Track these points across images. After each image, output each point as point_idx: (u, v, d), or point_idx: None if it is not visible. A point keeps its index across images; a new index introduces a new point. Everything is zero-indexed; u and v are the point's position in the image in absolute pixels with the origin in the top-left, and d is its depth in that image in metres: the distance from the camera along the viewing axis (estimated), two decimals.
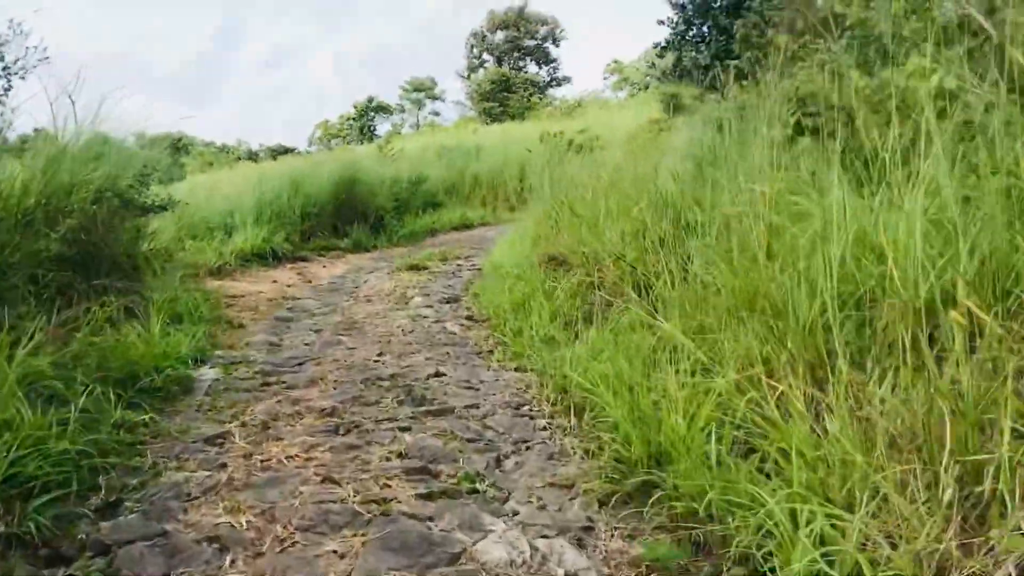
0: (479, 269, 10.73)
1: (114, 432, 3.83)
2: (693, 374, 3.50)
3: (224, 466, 3.61)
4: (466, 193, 20.77)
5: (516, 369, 5.29)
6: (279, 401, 4.61)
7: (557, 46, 37.42)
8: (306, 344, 6.31)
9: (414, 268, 10.50)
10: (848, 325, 3.02)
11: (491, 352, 5.87)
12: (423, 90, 41.15)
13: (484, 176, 21.41)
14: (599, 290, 5.64)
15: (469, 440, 3.88)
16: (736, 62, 10.25)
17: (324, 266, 11.62)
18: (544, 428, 4.07)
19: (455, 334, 6.62)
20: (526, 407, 4.45)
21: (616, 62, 37.87)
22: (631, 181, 6.69)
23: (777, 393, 2.98)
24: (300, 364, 5.63)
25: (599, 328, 5.02)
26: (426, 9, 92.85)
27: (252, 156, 40.10)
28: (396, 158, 19.95)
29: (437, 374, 5.16)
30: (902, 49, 4.51)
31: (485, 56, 37.38)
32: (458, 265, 11.12)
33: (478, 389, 4.87)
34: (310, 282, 10.04)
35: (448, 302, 8.33)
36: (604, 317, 5.33)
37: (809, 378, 3.05)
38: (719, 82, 10.91)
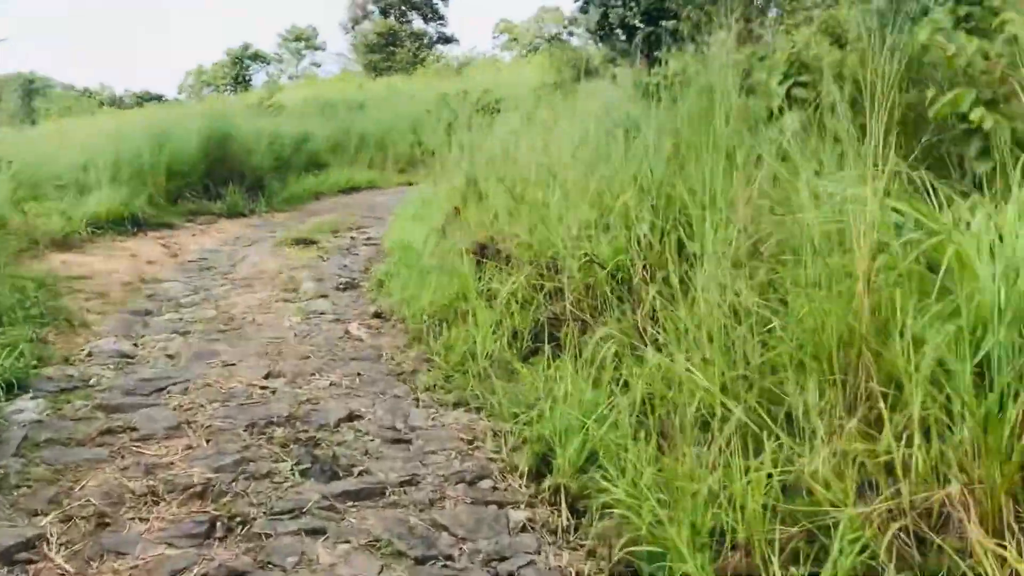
0: (377, 245, 9.26)
1: None
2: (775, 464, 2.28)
3: None
4: (352, 153, 18.99)
5: (456, 405, 3.93)
6: (125, 468, 3.11)
7: (446, 3, 35.46)
8: (169, 356, 4.75)
9: (302, 242, 8.91)
10: None
11: (415, 373, 4.49)
12: (303, 39, 38.40)
13: (371, 135, 19.67)
14: (557, 300, 4.35)
15: (417, 560, 2.52)
16: (673, 22, 9.07)
17: (194, 235, 9.84)
18: (525, 528, 2.74)
19: (362, 341, 5.19)
20: (487, 483, 3.10)
21: (505, 21, 36.30)
22: (580, 158, 5.40)
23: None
24: (160, 391, 4.10)
25: (569, 355, 3.74)
26: None
27: (116, 102, 36.56)
28: (276, 113, 17.98)
29: (350, 416, 3.74)
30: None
31: (370, 7, 35.06)
32: (351, 239, 9.59)
33: (410, 443, 3.49)
34: (176, 257, 8.32)
35: (346, 289, 6.86)
36: (568, 337, 4.06)
37: None
38: (649, 45, 9.74)
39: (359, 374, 4.45)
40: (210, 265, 7.85)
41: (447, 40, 35.68)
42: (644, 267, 3.83)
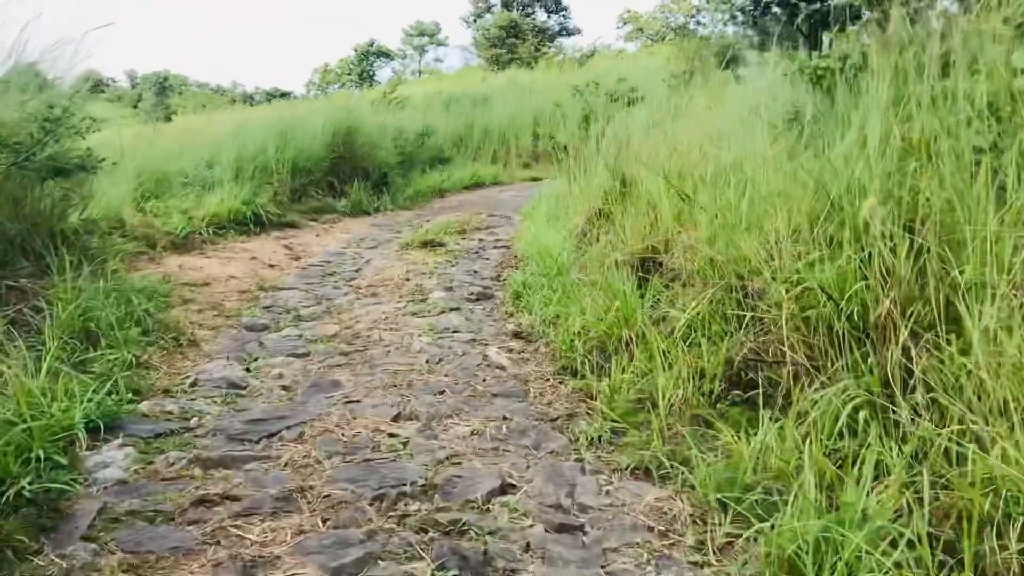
0: (507, 247, 8.45)
1: None
2: None
3: None
4: (475, 147, 18.35)
5: (634, 472, 3.01)
6: (218, 564, 2.35)
7: None
8: (283, 387, 4.03)
9: (428, 245, 8.18)
10: None
11: (572, 418, 3.60)
12: (426, 35, 38.11)
13: (495, 129, 18.98)
14: (755, 333, 3.38)
15: None
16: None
17: (317, 234, 9.28)
18: None
19: (504, 370, 4.34)
20: None
21: (630, 12, 34.90)
22: (757, 153, 4.39)
23: None
24: (270, 437, 3.36)
25: (791, 416, 2.77)
26: None
27: (247, 99, 37.20)
28: (401, 106, 17.47)
29: (502, 487, 2.88)
30: None
31: (492, 0, 34.35)
32: (480, 241, 8.80)
33: (582, 531, 2.60)
34: (298, 260, 7.72)
35: (479, 300, 6.05)
36: (777, 384, 3.10)
37: None
38: (811, 25, 8.56)
39: (505, 418, 3.59)
40: (333, 270, 7.20)
41: (570, 32, 34.70)
42: (892, 300, 2.82)
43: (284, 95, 34.69)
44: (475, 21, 34.72)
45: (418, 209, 11.98)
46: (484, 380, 4.15)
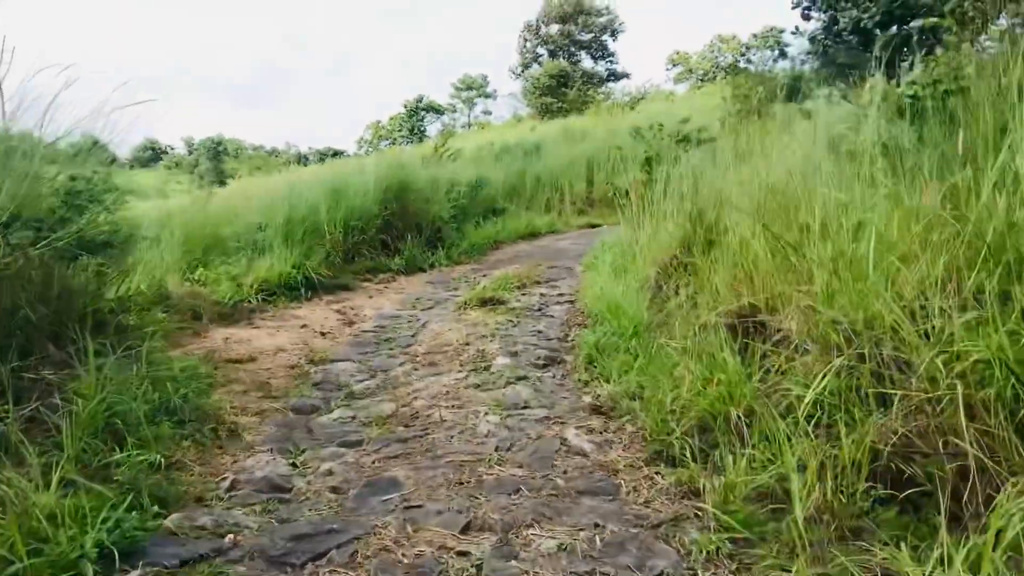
0: (571, 302, 7.85)
1: None
2: None
3: None
4: (528, 196, 17.88)
5: None
6: None
7: (615, 39, 34.07)
8: (333, 488, 3.44)
9: (486, 303, 7.61)
10: None
11: (679, 525, 2.93)
12: (474, 88, 38.11)
13: (546, 177, 18.55)
14: (905, 416, 2.70)
15: None
16: (930, 20, 7.23)
17: (371, 296, 8.79)
18: None
19: (586, 457, 3.70)
20: None
21: (679, 53, 34.39)
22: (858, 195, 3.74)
23: None
24: (317, 559, 2.76)
25: (972, 529, 2.10)
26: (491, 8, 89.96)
27: (301, 160, 37.49)
28: (453, 158, 17.14)
29: None
30: None
31: (539, 50, 34.21)
32: (541, 296, 8.21)
33: None
34: (351, 325, 7.21)
35: (547, 366, 5.45)
36: (951, 490, 2.42)
37: None
38: (891, 50, 7.90)
39: (597, 525, 2.95)
40: (388, 336, 6.66)
41: (618, 77, 34.31)
42: None
43: (337, 154, 34.86)
44: (523, 72, 34.60)
45: (473, 263, 11.47)
46: (565, 472, 3.52)
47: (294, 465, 3.74)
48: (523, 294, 8.25)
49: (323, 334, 6.75)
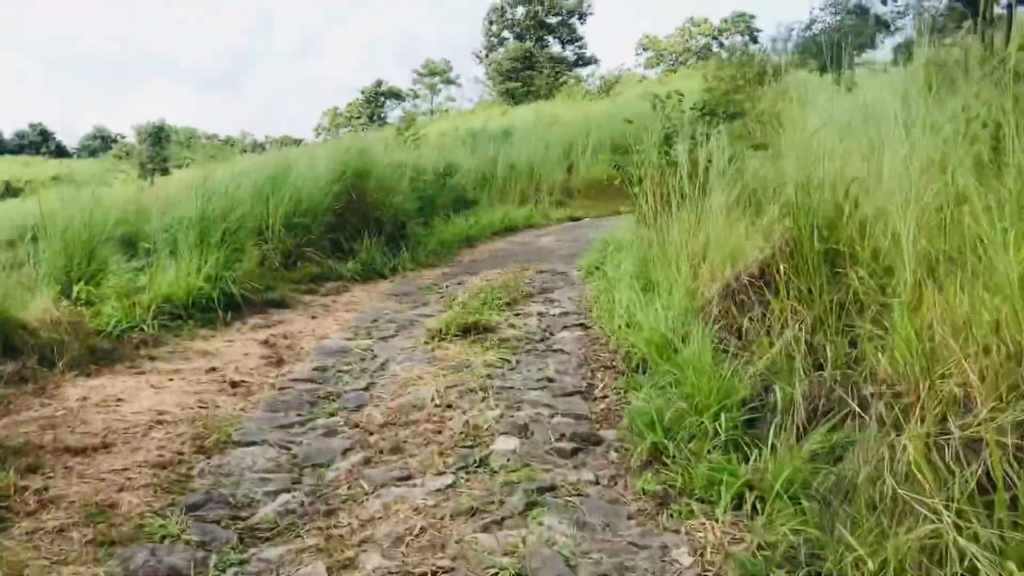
0: (582, 324, 5.73)
1: None
2: None
3: None
4: (500, 186, 15.69)
5: None
6: None
7: (583, 22, 31.76)
8: None
9: (469, 332, 5.40)
10: None
11: None
12: (437, 74, 35.58)
13: (522, 165, 16.38)
14: None
15: None
16: None
17: (313, 316, 6.52)
18: None
19: None
20: None
21: (649, 37, 32.16)
22: None
23: None
24: None
25: None
26: None
27: (258, 148, 34.71)
28: (418, 144, 14.87)
29: None
30: None
31: (505, 34, 31.79)
32: (539, 316, 6.04)
33: None
34: (279, 365, 4.96)
35: (578, 451, 3.32)
36: None
37: None
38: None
39: None
40: (329, 389, 4.44)
41: (587, 62, 32.04)
42: None
43: (296, 142, 32.27)
44: (487, 55, 32.20)
45: (444, 266, 9.27)
46: None
47: None
48: (515, 314, 6.08)
49: (234, 385, 4.49)
